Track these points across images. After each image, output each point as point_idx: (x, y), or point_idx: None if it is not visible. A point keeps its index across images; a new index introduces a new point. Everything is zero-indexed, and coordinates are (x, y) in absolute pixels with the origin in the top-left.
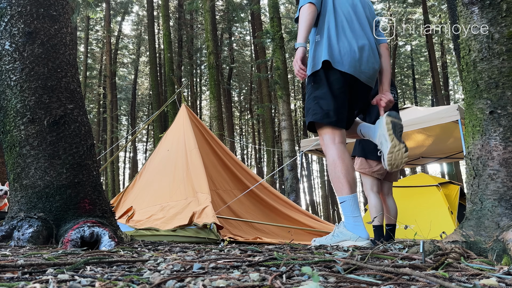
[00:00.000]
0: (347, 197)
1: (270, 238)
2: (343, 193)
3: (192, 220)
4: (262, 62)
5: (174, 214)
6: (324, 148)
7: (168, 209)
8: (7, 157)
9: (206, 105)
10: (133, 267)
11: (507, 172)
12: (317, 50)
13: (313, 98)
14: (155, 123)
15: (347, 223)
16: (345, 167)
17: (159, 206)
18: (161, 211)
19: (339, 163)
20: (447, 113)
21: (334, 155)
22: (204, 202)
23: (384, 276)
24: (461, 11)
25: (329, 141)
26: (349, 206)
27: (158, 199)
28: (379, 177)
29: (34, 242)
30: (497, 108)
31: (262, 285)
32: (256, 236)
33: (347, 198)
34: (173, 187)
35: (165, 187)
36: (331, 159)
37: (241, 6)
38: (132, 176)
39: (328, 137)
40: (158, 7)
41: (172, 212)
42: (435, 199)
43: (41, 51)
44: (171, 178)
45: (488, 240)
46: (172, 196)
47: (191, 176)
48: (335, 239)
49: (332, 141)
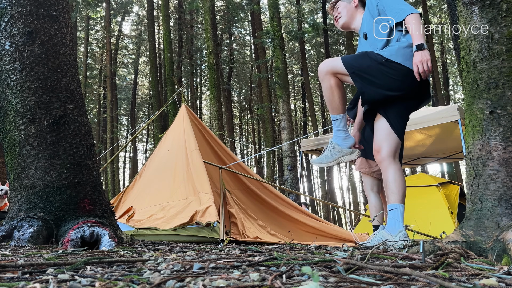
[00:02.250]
0: (340, 116)
1: (276, 238)
2: (336, 112)
3: (194, 218)
4: (262, 62)
5: (174, 214)
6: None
7: (169, 208)
8: (7, 157)
9: (206, 105)
10: (133, 267)
11: (507, 172)
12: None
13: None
14: (155, 123)
15: (338, 137)
16: (339, 92)
17: (160, 206)
18: (162, 210)
19: (336, 90)
20: (447, 113)
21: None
22: (207, 202)
23: (384, 276)
24: (461, 11)
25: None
26: (340, 123)
27: (158, 199)
28: (379, 177)
29: (34, 242)
30: (497, 108)
31: (262, 285)
32: (261, 235)
33: (340, 117)
34: (174, 187)
35: (166, 187)
36: (326, 88)
37: (241, 6)
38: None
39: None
40: (158, 7)
41: (172, 211)
42: (435, 199)
43: (41, 51)
44: (172, 178)
45: (488, 240)
46: (173, 196)
47: (192, 177)
48: (333, 157)
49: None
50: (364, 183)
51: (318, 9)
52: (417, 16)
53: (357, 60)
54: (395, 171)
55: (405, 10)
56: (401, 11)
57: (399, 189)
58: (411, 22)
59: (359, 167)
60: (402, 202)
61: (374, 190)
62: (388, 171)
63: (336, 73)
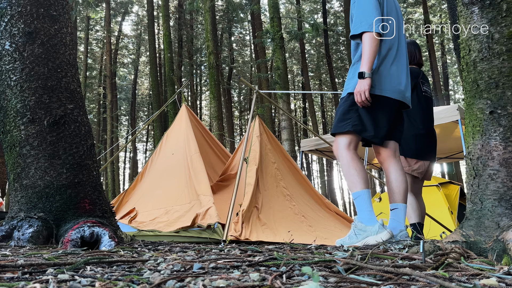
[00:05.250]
0: (361, 191)
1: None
2: (357, 188)
3: (195, 222)
4: (262, 62)
5: (177, 217)
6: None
7: (173, 213)
8: (7, 157)
9: (206, 105)
10: (133, 267)
11: (507, 172)
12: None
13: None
14: (155, 123)
15: (362, 217)
16: (358, 165)
17: (164, 210)
18: (166, 214)
19: (352, 163)
20: (447, 113)
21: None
22: (207, 204)
23: (384, 276)
24: (461, 11)
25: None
26: (363, 200)
27: (163, 203)
28: (419, 175)
29: (34, 242)
30: (497, 108)
31: (262, 285)
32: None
33: (361, 193)
34: (178, 191)
35: (170, 191)
36: (345, 160)
37: (241, 6)
38: (133, 176)
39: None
40: (158, 7)
41: (176, 215)
42: (435, 199)
43: (41, 51)
44: (176, 182)
45: (488, 240)
46: (177, 200)
47: (193, 180)
48: (358, 238)
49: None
50: None
51: (318, 9)
52: (370, 37)
53: (338, 118)
54: (396, 171)
55: (362, 25)
56: (357, 26)
57: (400, 189)
58: (363, 42)
59: None
60: (404, 201)
61: (409, 190)
62: (389, 171)
63: (346, 144)
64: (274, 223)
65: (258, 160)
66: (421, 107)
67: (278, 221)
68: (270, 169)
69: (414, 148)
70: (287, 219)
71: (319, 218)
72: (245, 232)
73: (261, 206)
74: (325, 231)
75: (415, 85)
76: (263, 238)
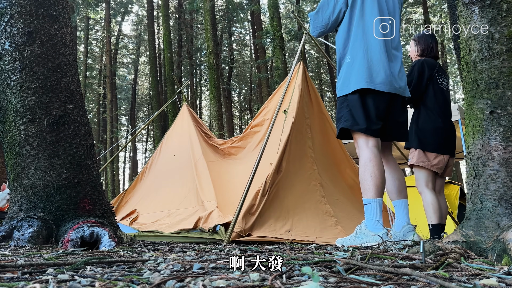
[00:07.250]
0: (372, 200)
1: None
2: (368, 196)
3: (197, 225)
4: (262, 62)
5: (179, 220)
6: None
7: (175, 216)
8: (7, 157)
9: (206, 105)
10: (133, 267)
11: (507, 172)
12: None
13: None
14: (155, 123)
15: (368, 224)
16: (375, 170)
17: (166, 213)
18: (168, 217)
19: (369, 165)
20: None
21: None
22: (210, 208)
23: (384, 276)
24: (461, 11)
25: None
26: (372, 209)
27: (166, 206)
28: (438, 171)
29: (34, 242)
30: (497, 108)
31: (262, 285)
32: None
33: (371, 201)
34: (182, 195)
35: (173, 194)
36: (363, 161)
37: (241, 6)
38: (132, 176)
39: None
40: (158, 7)
41: (178, 218)
42: None
43: (41, 51)
44: (179, 185)
45: (488, 240)
46: (180, 204)
47: (197, 187)
48: (358, 240)
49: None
50: (418, 178)
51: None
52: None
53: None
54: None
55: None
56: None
57: (399, 186)
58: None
59: (416, 160)
60: (403, 197)
61: (429, 187)
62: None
63: (364, 143)
64: (294, 217)
65: (294, 116)
66: (437, 100)
67: (297, 215)
68: (303, 134)
69: (433, 142)
70: (311, 211)
71: (348, 207)
72: (250, 227)
73: (283, 191)
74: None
75: (431, 77)
76: (270, 235)
